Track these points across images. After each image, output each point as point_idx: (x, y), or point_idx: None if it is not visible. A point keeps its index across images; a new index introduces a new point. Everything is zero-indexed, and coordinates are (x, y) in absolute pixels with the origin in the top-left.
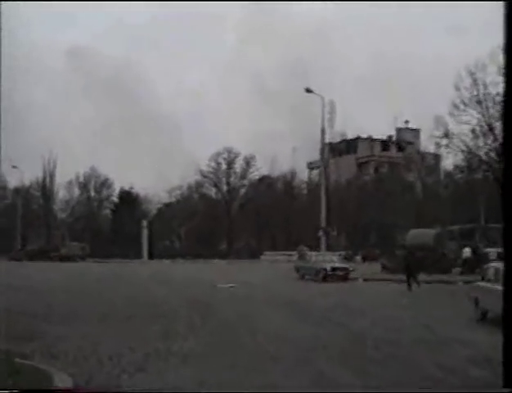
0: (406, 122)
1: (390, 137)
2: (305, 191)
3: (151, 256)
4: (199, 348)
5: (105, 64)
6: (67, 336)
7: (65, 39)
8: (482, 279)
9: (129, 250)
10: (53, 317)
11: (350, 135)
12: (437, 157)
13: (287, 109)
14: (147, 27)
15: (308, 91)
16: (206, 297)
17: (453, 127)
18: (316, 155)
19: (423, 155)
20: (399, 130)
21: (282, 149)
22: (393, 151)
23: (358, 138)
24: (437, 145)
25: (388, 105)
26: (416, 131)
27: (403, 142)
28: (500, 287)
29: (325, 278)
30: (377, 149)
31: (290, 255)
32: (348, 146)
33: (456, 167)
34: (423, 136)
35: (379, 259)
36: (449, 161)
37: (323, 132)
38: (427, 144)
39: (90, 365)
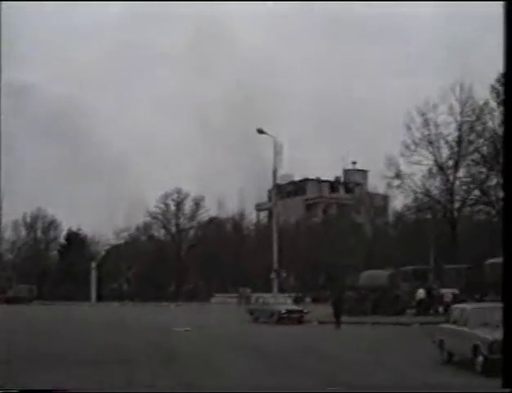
0: (354, 163)
1: (338, 178)
2: (254, 233)
3: (100, 298)
4: None
5: (49, 103)
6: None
7: (9, 76)
8: (447, 321)
9: (77, 292)
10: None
11: (297, 176)
12: (385, 198)
13: (233, 148)
14: (91, 66)
15: (261, 132)
16: (164, 342)
17: (404, 168)
18: (263, 197)
19: (372, 196)
20: (347, 171)
21: (229, 190)
22: (342, 192)
23: (306, 180)
24: (389, 185)
25: (334, 146)
26: (364, 172)
27: (351, 183)
28: (467, 329)
29: (279, 321)
30: (325, 190)
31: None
32: (296, 187)
33: (406, 207)
34: (371, 177)
35: (329, 301)
36: (398, 202)
37: (275, 173)
38: (376, 185)
39: None
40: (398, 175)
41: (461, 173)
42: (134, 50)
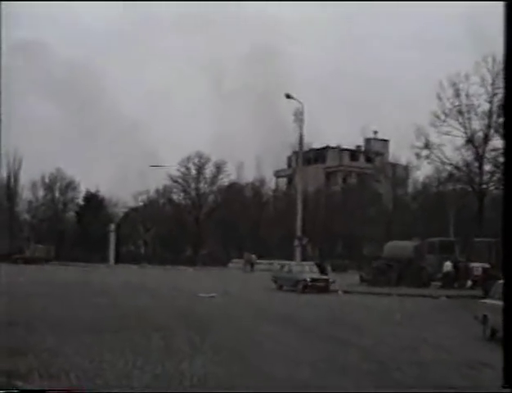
0: (375, 132)
1: (359, 147)
2: (272, 200)
3: (117, 261)
4: (209, 370)
5: (63, 63)
6: (59, 349)
7: (23, 36)
8: (488, 296)
9: (95, 253)
10: (39, 326)
11: (318, 144)
12: (406, 169)
13: (252, 113)
14: (106, 29)
15: (288, 97)
16: (194, 309)
17: (434, 138)
18: (281, 164)
19: (393, 166)
20: (368, 140)
21: (247, 155)
22: (362, 162)
23: (327, 148)
24: (417, 155)
25: (356, 114)
26: (385, 141)
27: (372, 152)
28: None
29: (304, 289)
30: (346, 159)
31: (259, 263)
32: (317, 155)
33: (433, 178)
34: (392, 147)
35: (348, 270)
36: (420, 173)
37: (301, 138)
38: (397, 155)
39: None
40: (427, 145)
41: (491, 145)
42: (148, 13)
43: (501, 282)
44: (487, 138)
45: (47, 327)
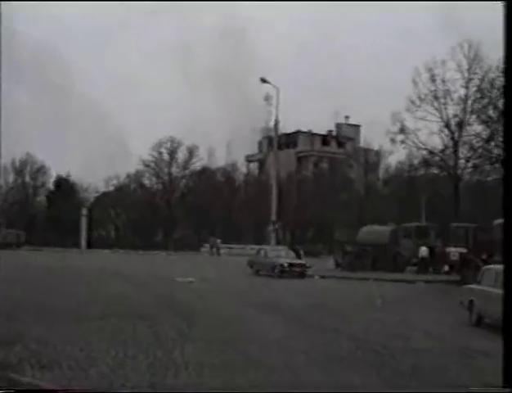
0: (347, 117)
1: (330, 132)
2: (244, 184)
3: (89, 246)
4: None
5: (33, 49)
6: (47, 338)
7: None
8: (475, 282)
9: (66, 238)
10: (22, 315)
11: (289, 129)
12: (378, 154)
13: (223, 97)
14: (74, 14)
15: (264, 81)
16: (175, 295)
17: (409, 123)
18: (252, 149)
19: (366, 152)
20: (339, 125)
21: (219, 139)
22: (333, 147)
23: (298, 132)
24: (392, 140)
25: (328, 99)
26: (356, 127)
27: (343, 137)
28: (499, 291)
29: (281, 274)
30: (317, 144)
31: (232, 247)
32: (288, 139)
33: (408, 162)
34: (364, 132)
35: (321, 255)
36: (392, 158)
37: (276, 122)
38: (368, 140)
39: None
40: (403, 130)
41: (466, 130)
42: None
43: (488, 267)
44: (462, 123)
45: (31, 315)
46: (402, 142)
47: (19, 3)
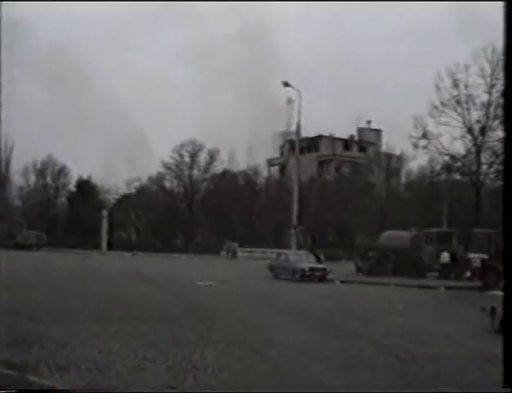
0: (369, 122)
1: (352, 136)
2: (265, 188)
3: (109, 248)
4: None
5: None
6: (65, 339)
7: (11, 16)
8: (502, 289)
9: (87, 240)
10: (41, 316)
11: (311, 133)
12: (400, 159)
13: (245, 101)
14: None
15: (286, 85)
16: (195, 298)
17: (432, 128)
18: (273, 153)
19: (386, 156)
20: (361, 130)
21: (240, 143)
22: (355, 151)
23: (320, 136)
24: (415, 145)
25: (350, 104)
26: (378, 131)
27: (365, 142)
28: None
29: (302, 278)
30: (339, 148)
31: (252, 251)
32: (310, 143)
33: (430, 167)
34: (385, 137)
35: (342, 260)
36: (414, 163)
37: (298, 126)
38: (391, 144)
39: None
40: (425, 135)
41: (489, 136)
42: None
43: None
44: (485, 129)
45: (50, 316)
46: (424, 147)
47: (38, 3)
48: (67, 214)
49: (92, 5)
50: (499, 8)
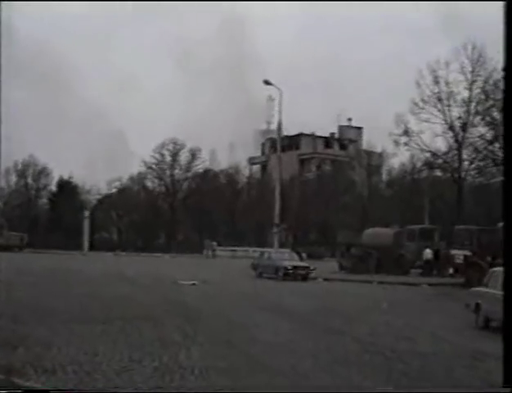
0: (349, 119)
1: (333, 134)
2: (247, 187)
3: (91, 248)
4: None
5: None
6: (51, 341)
7: None
8: (482, 284)
9: (68, 240)
10: (26, 317)
11: (291, 131)
12: (381, 156)
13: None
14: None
15: (267, 83)
16: (178, 297)
17: (413, 125)
18: (254, 151)
19: (369, 154)
20: (342, 128)
21: (221, 142)
22: (336, 149)
23: (301, 135)
24: (396, 142)
25: (330, 101)
26: (359, 129)
27: (346, 139)
28: None
29: (285, 277)
30: (320, 146)
31: (235, 250)
32: (291, 142)
33: (412, 164)
34: (366, 134)
35: (324, 258)
36: (395, 160)
37: (279, 124)
38: (371, 142)
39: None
40: (406, 132)
41: (470, 132)
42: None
43: (495, 270)
44: (466, 125)
45: (34, 317)
46: (406, 144)
47: (18, 3)
48: (48, 214)
49: (71, 4)
50: (479, 6)
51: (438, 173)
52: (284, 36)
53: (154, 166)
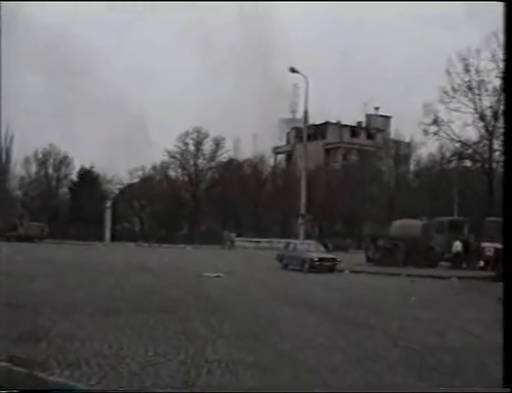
0: (377, 108)
1: (359, 123)
2: (271, 177)
3: (112, 239)
4: (237, 357)
5: (57, 38)
6: (74, 333)
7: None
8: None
9: (90, 231)
10: (47, 309)
11: (317, 120)
12: (409, 146)
13: (251, 87)
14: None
15: (293, 71)
16: (203, 290)
17: (443, 115)
18: (279, 140)
19: (397, 143)
20: (369, 116)
21: (245, 131)
22: (363, 138)
23: (327, 123)
24: (425, 132)
25: (358, 90)
26: (387, 118)
27: (373, 128)
28: None
29: (311, 269)
30: (346, 135)
31: (259, 241)
32: (316, 131)
33: (441, 154)
34: (394, 123)
35: (350, 249)
36: (423, 150)
37: (305, 113)
38: (400, 131)
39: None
40: (436, 122)
41: (501, 122)
42: None
43: None
44: (497, 115)
45: (57, 310)
46: (435, 133)
47: None
48: (69, 204)
49: None
50: None
51: (468, 163)
52: (310, 23)
53: (177, 155)
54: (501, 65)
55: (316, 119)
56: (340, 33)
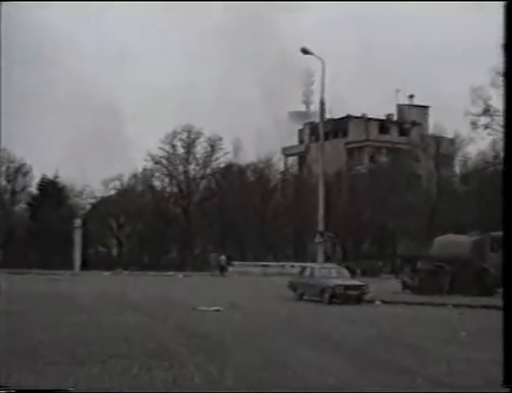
0: (411, 97)
1: (390, 116)
2: (280, 185)
3: (84, 266)
4: None
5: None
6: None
7: None
8: None
9: (55, 257)
10: (6, 354)
11: (337, 113)
12: (454, 142)
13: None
14: None
15: (305, 52)
16: (199, 329)
17: (495, 102)
18: (289, 140)
19: (437, 140)
20: (401, 108)
21: (248, 129)
22: (394, 135)
23: (349, 117)
24: (474, 125)
25: (387, 76)
26: (424, 108)
27: (407, 122)
28: None
29: (333, 299)
30: (373, 132)
31: (267, 265)
32: (336, 127)
33: (483, 155)
34: (434, 114)
35: (381, 274)
36: (472, 148)
37: (322, 105)
38: (441, 125)
39: None
40: (487, 111)
41: None
42: None
43: None
44: None
45: (15, 357)
46: (486, 126)
47: None
48: (28, 224)
49: None
50: None
51: None
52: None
53: (163, 161)
54: None
55: (335, 112)
56: (361, 5)
